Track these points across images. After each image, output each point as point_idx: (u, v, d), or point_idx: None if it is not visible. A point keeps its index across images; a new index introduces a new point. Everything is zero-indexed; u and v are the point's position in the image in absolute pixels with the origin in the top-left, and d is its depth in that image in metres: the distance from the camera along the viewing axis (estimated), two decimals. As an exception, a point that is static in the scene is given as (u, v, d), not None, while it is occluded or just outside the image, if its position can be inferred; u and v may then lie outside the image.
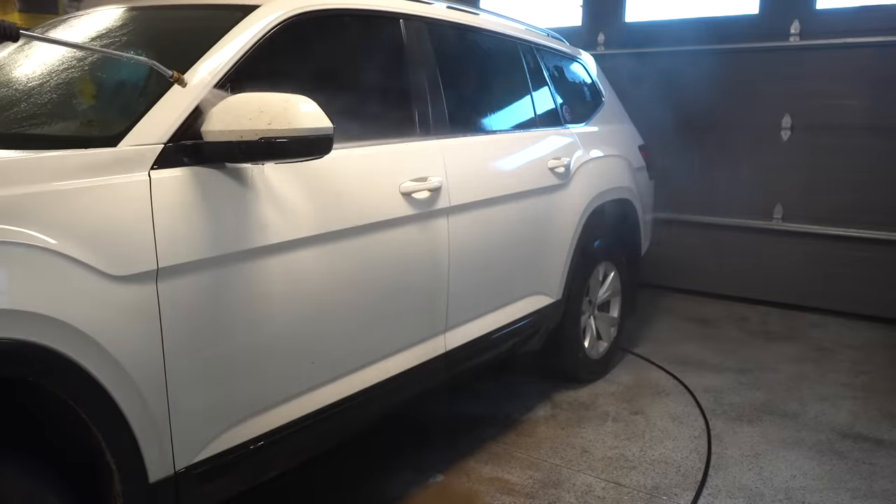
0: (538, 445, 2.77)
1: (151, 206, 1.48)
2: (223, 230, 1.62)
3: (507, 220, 2.64)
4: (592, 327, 3.40)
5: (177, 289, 1.52)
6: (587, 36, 5.15)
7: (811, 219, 4.53)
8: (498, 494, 2.42)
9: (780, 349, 3.87)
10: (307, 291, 1.85)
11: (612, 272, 3.49)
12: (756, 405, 3.18)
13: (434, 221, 2.26)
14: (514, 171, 2.72)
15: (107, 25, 2.15)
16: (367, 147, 2.11)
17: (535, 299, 2.89)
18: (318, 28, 2.07)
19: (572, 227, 3.03)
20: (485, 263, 2.54)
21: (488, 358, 2.71)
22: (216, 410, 1.67)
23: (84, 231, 1.37)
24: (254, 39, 1.84)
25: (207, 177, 1.60)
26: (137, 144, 1.53)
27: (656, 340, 4.03)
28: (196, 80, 1.69)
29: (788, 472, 2.61)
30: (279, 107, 1.56)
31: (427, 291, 2.28)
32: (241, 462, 1.73)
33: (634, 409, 3.12)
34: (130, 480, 1.47)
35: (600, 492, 2.45)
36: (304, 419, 1.88)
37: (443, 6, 2.65)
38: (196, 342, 1.58)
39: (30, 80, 1.96)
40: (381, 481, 2.50)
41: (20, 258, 1.27)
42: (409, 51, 2.36)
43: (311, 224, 1.83)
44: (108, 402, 1.41)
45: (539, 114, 3.05)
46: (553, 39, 3.50)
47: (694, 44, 4.62)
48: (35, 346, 1.27)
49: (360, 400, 2.05)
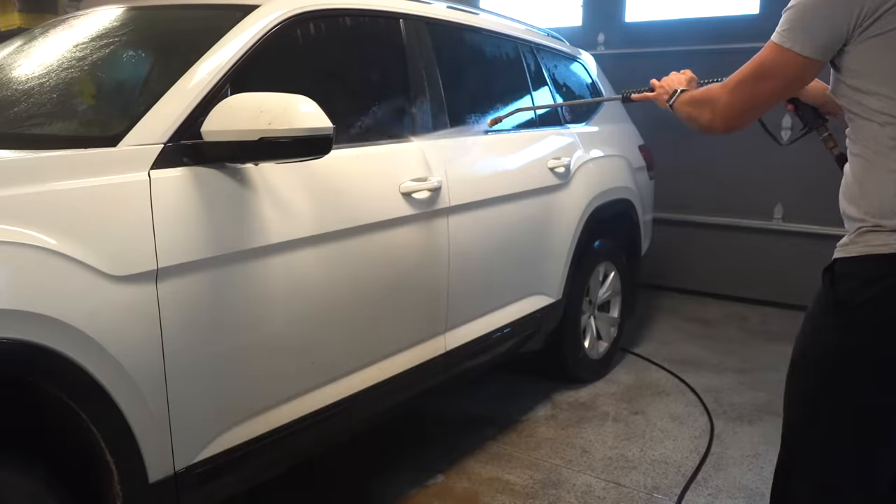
0: (538, 445, 2.77)
1: (151, 206, 1.48)
2: (223, 230, 1.62)
3: (507, 220, 2.64)
4: (592, 327, 3.40)
5: (177, 289, 1.52)
6: (587, 36, 5.15)
7: (811, 219, 4.53)
8: (498, 494, 2.42)
9: (780, 349, 3.86)
10: (307, 291, 1.85)
11: (612, 272, 3.49)
12: (756, 405, 3.18)
13: (434, 221, 2.26)
14: (514, 170, 2.72)
15: (106, 25, 2.15)
16: (367, 147, 2.11)
17: (535, 299, 2.89)
18: (318, 28, 2.07)
19: (572, 227, 3.03)
20: (485, 263, 2.54)
21: (488, 358, 2.70)
22: (216, 410, 1.67)
23: (84, 231, 1.37)
24: (254, 39, 1.84)
25: (207, 177, 1.60)
26: (137, 144, 1.53)
27: (656, 340, 4.03)
28: (196, 80, 1.69)
29: (789, 472, 2.61)
30: (279, 107, 1.56)
31: (427, 291, 2.28)
32: (241, 462, 1.73)
33: (635, 409, 3.12)
34: (130, 480, 1.47)
35: (600, 492, 2.45)
36: (304, 419, 1.88)
37: (443, 6, 2.65)
38: (196, 342, 1.58)
39: (30, 80, 1.96)
40: (381, 481, 2.49)
41: (20, 258, 1.27)
42: (408, 51, 2.36)
43: (311, 224, 1.83)
44: (107, 402, 1.41)
45: (539, 114, 3.05)
46: (553, 39, 3.50)
47: (694, 44, 4.62)
48: (35, 346, 1.27)
49: (360, 400, 2.05)
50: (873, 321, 1.24)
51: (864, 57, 1.23)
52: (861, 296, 1.24)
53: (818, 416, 1.35)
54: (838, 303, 1.27)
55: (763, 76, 1.33)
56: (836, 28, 1.22)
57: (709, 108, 1.45)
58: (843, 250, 1.30)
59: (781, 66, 1.30)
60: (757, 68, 1.34)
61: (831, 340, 1.30)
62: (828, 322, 1.31)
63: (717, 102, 1.43)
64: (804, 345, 1.38)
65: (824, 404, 1.34)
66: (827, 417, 1.34)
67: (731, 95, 1.39)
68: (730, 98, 1.40)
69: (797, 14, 1.26)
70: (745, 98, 1.37)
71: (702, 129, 1.53)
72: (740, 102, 1.38)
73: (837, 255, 1.31)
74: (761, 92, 1.35)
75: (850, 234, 1.29)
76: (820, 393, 1.34)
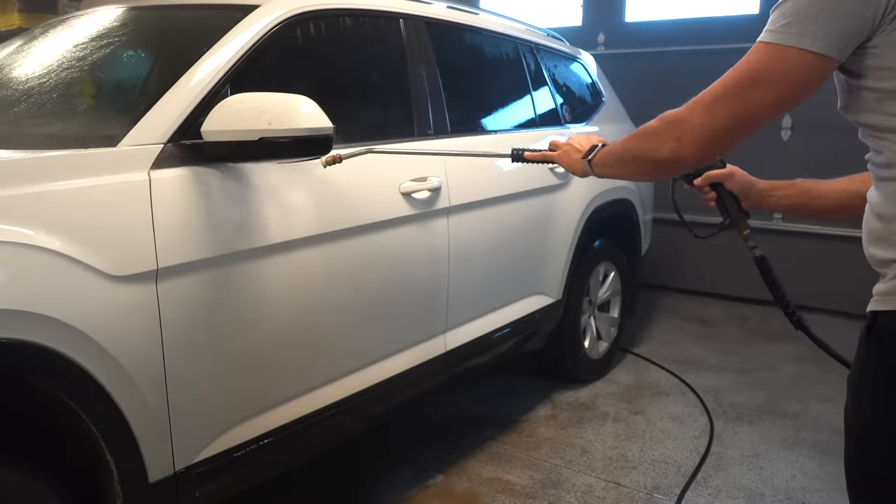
0: (538, 445, 2.77)
1: (151, 206, 1.48)
2: (223, 230, 1.62)
3: (506, 220, 2.64)
4: (592, 327, 3.40)
5: (177, 289, 1.52)
6: (587, 36, 5.15)
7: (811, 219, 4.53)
8: (498, 495, 2.42)
9: (780, 349, 3.87)
10: (307, 291, 1.85)
11: (612, 272, 3.49)
12: (757, 405, 3.18)
13: (434, 221, 2.26)
14: (514, 170, 2.72)
15: (106, 25, 2.15)
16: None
17: (535, 299, 2.89)
18: (318, 28, 2.07)
19: (572, 227, 3.03)
20: (485, 263, 2.54)
21: (488, 358, 2.70)
22: (216, 410, 1.67)
23: (84, 231, 1.37)
24: (254, 39, 1.84)
25: (207, 177, 1.60)
26: (137, 144, 1.53)
27: (656, 340, 4.03)
28: (196, 80, 1.69)
29: (789, 472, 2.61)
30: (279, 107, 1.56)
31: (427, 291, 2.28)
32: (241, 462, 1.73)
33: (634, 409, 3.12)
34: (130, 480, 1.47)
35: (600, 492, 2.45)
36: (304, 419, 1.88)
37: (443, 6, 2.65)
38: (196, 342, 1.58)
39: (30, 80, 1.96)
40: (382, 481, 2.49)
41: (20, 258, 1.27)
42: (409, 51, 2.36)
43: (311, 224, 1.83)
44: (107, 402, 1.41)
45: (539, 114, 3.05)
46: (553, 39, 3.50)
47: (694, 43, 4.62)
48: (35, 346, 1.27)
49: (360, 400, 2.05)
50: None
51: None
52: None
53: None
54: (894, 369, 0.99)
55: (756, 85, 1.03)
56: (858, 15, 0.94)
57: (672, 134, 1.13)
58: (884, 300, 1.00)
59: (781, 69, 1.00)
60: (749, 76, 1.03)
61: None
62: (886, 394, 1.01)
63: (687, 125, 1.10)
64: (865, 428, 1.06)
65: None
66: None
67: (707, 114, 1.08)
68: (706, 118, 1.08)
69: (801, 3, 0.97)
70: (731, 114, 1.06)
71: (658, 167, 1.23)
72: (723, 120, 1.07)
73: (878, 307, 1.02)
74: (755, 105, 1.04)
75: (888, 281, 1.00)
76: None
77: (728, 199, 1.46)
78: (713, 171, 1.46)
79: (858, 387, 1.07)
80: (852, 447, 1.09)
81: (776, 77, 1.01)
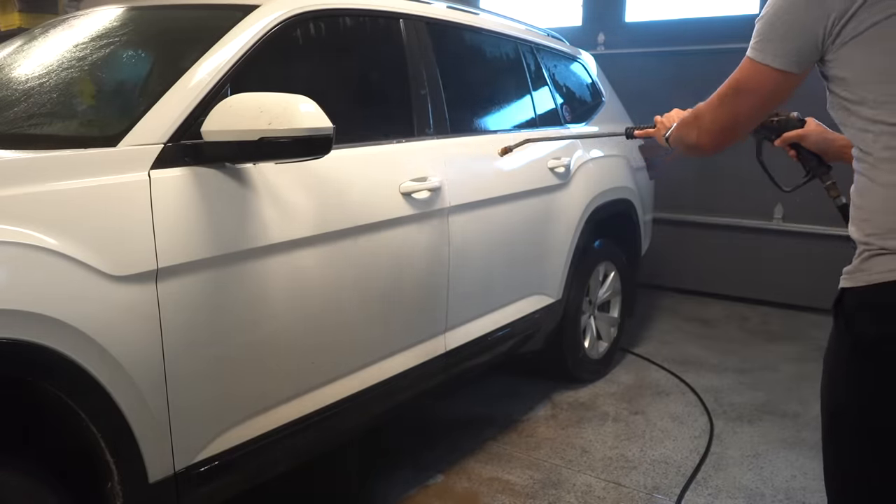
0: (538, 445, 2.77)
1: (151, 206, 1.48)
2: (223, 230, 1.62)
3: (506, 220, 2.64)
4: (592, 327, 3.40)
5: (177, 289, 1.52)
6: (587, 36, 5.15)
7: (811, 219, 4.53)
8: (498, 495, 2.42)
9: (780, 349, 3.87)
10: (307, 292, 1.85)
11: (612, 272, 3.49)
12: (756, 405, 3.18)
13: (434, 221, 2.26)
14: (513, 170, 2.72)
15: (106, 25, 2.15)
16: (367, 147, 2.11)
17: (535, 299, 2.89)
18: (318, 28, 2.07)
19: (572, 227, 3.02)
20: (485, 263, 2.54)
21: (488, 358, 2.70)
22: (216, 410, 1.67)
23: (84, 231, 1.37)
24: (254, 39, 1.84)
25: (207, 177, 1.60)
26: (137, 144, 1.53)
27: (656, 340, 4.03)
28: (196, 80, 1.69)
29: (789, 472, 2.61)
30: (279, 107, 1.56)
31: (427, 291, 2.28)
32: (241, 462, 1.73)
33: (634, 409, 3.12)
34: (130, 480, 1.47)
35: (600, 492, 2.45)
36: (304, 419, 1.88)
37: (443, 6, 2.65)
38: (196, 342, 1.58)
39: (30, 80, 1.96)
40: (381, 481, 2.49)
41: (20, 258, 1.27)
42: (408, 51, 2.36)
43: (311, 224, 1.83)
44: (107, 402, 1.41)
45: (539, 114, 3.05)
46: (553, 39, 3.50)
47: (694, 43, 4.62)
48: (35, 346, 1.27)
49: (361, 400, 2.05)
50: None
51: (847, 63, 1.11)
52: (881, 330, 1.09)
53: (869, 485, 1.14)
54: (859, 344, 1.12)
55: (740, 92, 1.25)
56: (807, 35, 1.12)
57: (695, 126, 1.38)
58: (849, 278, 1.14)
59: (756, 81, 1.21)
60: (734, 84, 1.26)
61: (865, 395, 1.12)
62: (851, 370, 1.14)
63: (702, 120, 1.35)
64: (833, 404, 1.19)
65: (874, 465, 1.13)
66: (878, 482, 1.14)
67: (714, 112, 1.32)
68: (713, 115, 1.32)
69: (766, 26, 1.17)
70: (727, 115, 1.29)
71: (690, 150, 1.46)
72: (722, 119, 1.31)
73: (844, 284, 1.15)
74: (741, 109, 1.27)
75: (855, 260, 1.14)
76: (869, 456, 1.14)
77: (807, 156, 1.58)
78: (789, 132, 1.57)
79: (831, 364, 1.21)
80: (826, 423, 1.21)
81: (753, 87, 1.23)
